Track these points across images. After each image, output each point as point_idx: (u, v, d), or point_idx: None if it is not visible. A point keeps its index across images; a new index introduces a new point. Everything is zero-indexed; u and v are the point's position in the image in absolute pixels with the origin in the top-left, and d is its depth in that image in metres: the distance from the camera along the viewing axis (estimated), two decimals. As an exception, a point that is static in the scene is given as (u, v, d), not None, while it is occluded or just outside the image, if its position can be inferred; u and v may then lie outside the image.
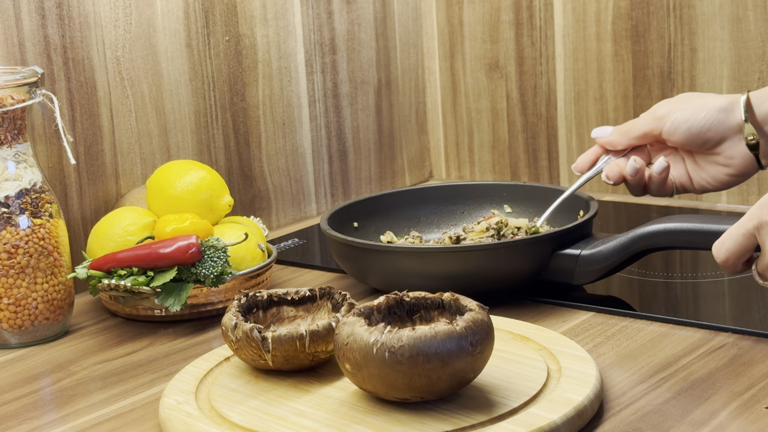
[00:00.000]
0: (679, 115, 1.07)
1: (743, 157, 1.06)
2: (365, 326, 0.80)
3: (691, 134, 1.06)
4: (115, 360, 1.01)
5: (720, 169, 1.08)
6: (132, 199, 1.21)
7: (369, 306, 0.85)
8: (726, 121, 1.05)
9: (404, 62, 1.61)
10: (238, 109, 1.38)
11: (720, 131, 1.06)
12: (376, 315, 0.85)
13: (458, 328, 0.78)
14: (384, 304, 0.86)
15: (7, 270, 1.04)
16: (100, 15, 1.22)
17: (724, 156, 1.07)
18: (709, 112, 1.06)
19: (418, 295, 0.87)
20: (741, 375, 0.88)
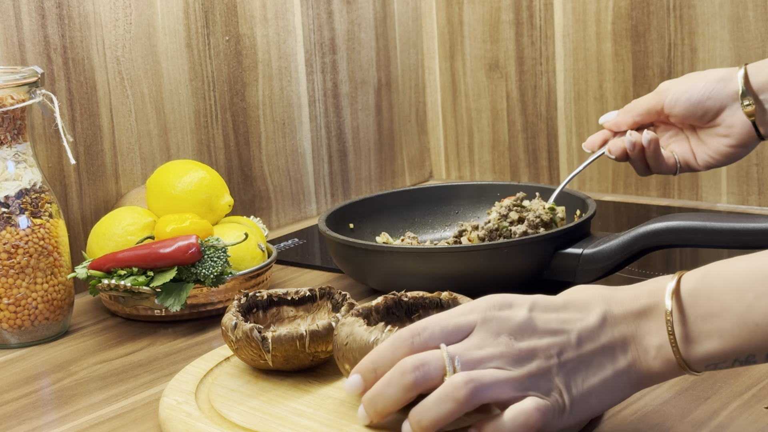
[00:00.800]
0: (679, 88, 1.10)
1: (742, 125, 1.08)
2: (364, 326, 0.79)
3: (691, 104, 1.08)
4: (115, 360, 1.01)
5: (721, 141, 1.09)
6: (132, 199, 1.21)
7: (367, 307, 0.85)
8: (724, 89, 1.08)
9: (404, 62, 1.61)
10: (238, 109, 1.38)
11: (719, 100, 1.08)
12: (375, 315, 0.85)
13: None
14: (382, 305, 0.86)
15: (7, 270, 1.04)
16: (100, 15, 1.22)
17: (724, 126, 1.08)
18: (708, 83, 1.09)
19: (416, 294, 0.87)
20: (741, 375, 0.88)
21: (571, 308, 0.73)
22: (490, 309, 0.73)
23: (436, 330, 0.73)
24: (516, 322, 0.73)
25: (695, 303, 0.71)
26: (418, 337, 0.73)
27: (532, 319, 0.73)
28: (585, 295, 0.74)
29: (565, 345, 0.72)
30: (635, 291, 0.74)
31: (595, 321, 0.73)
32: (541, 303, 0.74)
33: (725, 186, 1.42)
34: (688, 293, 0.71)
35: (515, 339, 0.72)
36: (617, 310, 0.73)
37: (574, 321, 0.73)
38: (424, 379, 0.72)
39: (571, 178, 1.16)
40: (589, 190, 1.53)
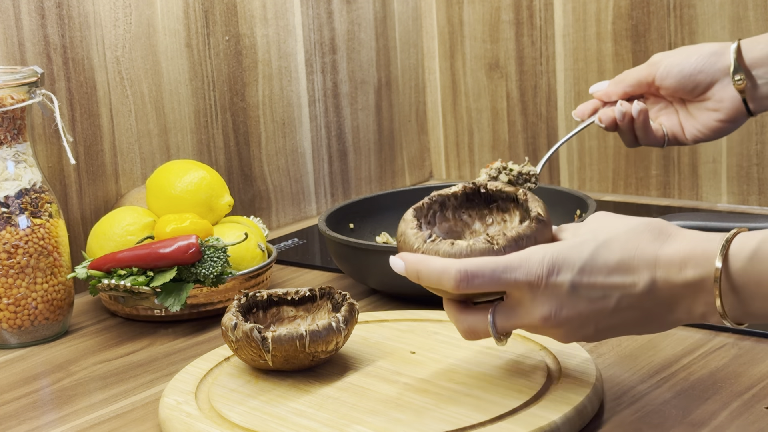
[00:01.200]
0: (671, 60, 1.10)
1: (732, 100, 1.08)
2: (414, 230, 0.82)
3: (683, 76, 1.09)
4: (115, 360, 1.01)
5: (711, 115, 1.09)
6: (132, 199, 1.21)
7: (445, 193, 0.87)
8: (717, 63, 1.08)
9: (404, 62, 1.61)
10: (238, 109, 1.38)
11: (710, 73, 1.08)
12: (453, 201, 0.87)
13: (497, 246, 0.78)
14: (460, 192, 0.87)
15: (7, 270, 1.04)
16: (100, 15, 1.22)
17: (714, 100, 1.09)
18: (701, 56, 1.09)
19: (495, 186, 0.87)
20: (741, 375, 0.88)
21: (621, 272, 0.75)
22: (539, 273, 0.76)
23: (485, 283, 0.77)
24: (560, 292, 0.76)
25: (746, 284, 0.72)
26: (465, 282, 0.77)
27: (576, 289, 0.76)
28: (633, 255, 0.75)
29: (605, 311, 0.76)
30: (684, 254, 0.74)
31: (641, 289, 0.75)
32: (591, 266, 0.76)
33: (725, 186, 1.42)
34: (737, 273, 0.72)
35: (557, 309, 0.76)
36: (664, 277, 0.75)
37: (620, 288, 0.75)
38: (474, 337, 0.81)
39: (561, 144, 1.16)
40: (589, 190, 1.53)
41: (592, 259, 0.76)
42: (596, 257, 0.76)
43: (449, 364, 0.89)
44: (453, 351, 0.91)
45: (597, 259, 0.76)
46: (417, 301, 1.09)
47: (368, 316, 1.01)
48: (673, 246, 0.75)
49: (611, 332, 0.78)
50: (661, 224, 0.77)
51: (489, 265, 0.77)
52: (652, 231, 0.76)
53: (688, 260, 0.74)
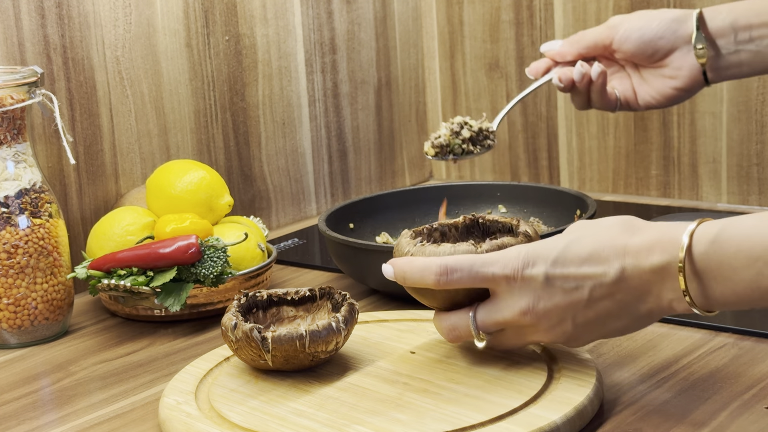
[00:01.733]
0: (631, 24, 1.08)
1: (690, 68, 1.07)
2: (409, 239, 0.88)
3: (643, 42, 1.08)
4: (115, 360, 1.01)
5: (666, 82, 1.09)
6: (132, 199, 1.21)
7: (447, 223, 0.92)
8: (678, 30, 1.07)
9: (404, 62, 1.61)
10: (238, 109, 1.38)
11: (671, 40, 1.07)
12: (453, 232, 0.92)
13: (479, 249, 0.83)
14: (461, 224, 0.92)
15: (7, 270, 1.04)
16: (100, 15, 1.22)
17: (671, 67, 1.08)
18: (662, 22, 1.07)
19: (492, 218, 0.92)
20: (741, 375, 0.88)
21: (592, 262, 0.79)
22: (515, 266, 0.80)
23: (463, 277, 0.81)
24: (536, 285, 0.80)
25: (707, 267, 0.75)
26: (445, 276, 0.81)
27: (550, 280, 0.79)
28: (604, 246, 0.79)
29: (580, 303, 0.79)
30: (651, 242, 0.77)
31: (611, 278, 0.78)
32: (563, 257, 0.79)
33: (725, 186, 1.42)
34: (700, 257, 0.75)
35: (534, 301, 0.80)
36: (633, 264, 0.77)
37: (592, 278, 0.78)
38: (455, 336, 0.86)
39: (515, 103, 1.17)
40: (589, 190, 1.53)
41: (564, 251, 0.79)
42: (568, 250, 0.79)
43: (449, 364, 0.89)
44: (453, 351, 0.91)
45: (569, 252, 0.79)
46: (417, 302, 1.09)
47: (368, 316, 1.01)
48: (642, 235, 0.78)
49: (589, 329, 0.81)
50: (631, 219, 0.80)
51: (468, 260, 0.81)
52: (622, 225, 0.80)
53: (655, 246, 0.77)
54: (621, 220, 0.80)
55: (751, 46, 1.05)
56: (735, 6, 1.07)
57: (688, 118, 1.43)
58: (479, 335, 0.83)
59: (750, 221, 0.74)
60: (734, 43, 1.05)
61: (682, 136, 1.44)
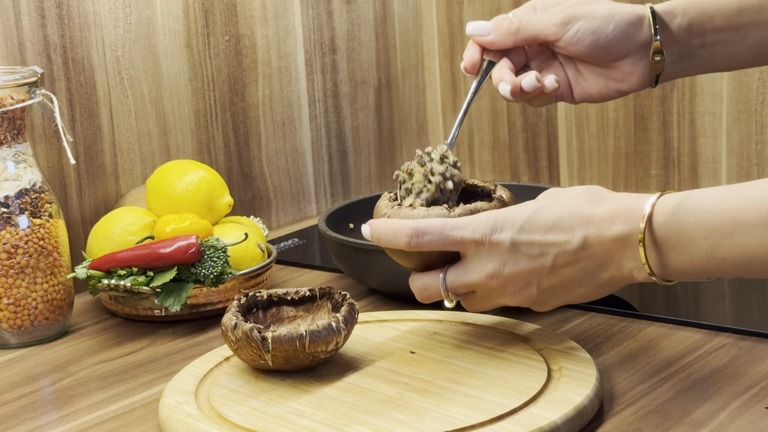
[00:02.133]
0: (585, 25, 0.98)
1: (641, 75, 1.00)
2: (387, 201, 0.90)
3: (596, 47, 0.98)
4: (115, 360, 1.01)
5: (611, 84, 1.01)
6: (132, 199, 1.21)
7: None
8: (634, 36, 0.98)
9: (404, 62, 1.61)
10: (238, 109, 1.38)
11: (626, 47, 0.99)
12: None
13: (452, 213, 0.85)
14: None
15: (7, 270, 1.04)
16: (100, 15, 1.22)
17: (620, 71, 1.00)
18: (618, 26, 0.98)
19: (471, 182, 0.94)
20: (741, 375, 0.88)
21: (556, 230, 0.82)
22: (483, 231, 0.83)
23: (434, 240, 0.84)
24: (503, 250, 0.83)
25: (666, 237, 0.78)
26: (416, 239, 0.84)
27: (516, 246, 0.83)
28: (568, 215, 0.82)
29: (544, 269, 0.83)
30: (613, 211, 0.80)
31: (574, 246, 0.81)
32: (529, 224, 0.83)
33: (725, 186, 1.42)
34: (659, 227, 0.78)
35: (501, 266, 0.83)
36: (595, 233, 0.80)
37: (556, 245, 0.82)
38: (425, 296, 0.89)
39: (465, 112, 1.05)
40: (589, 190, 1.53)
41: (530, 218, 0.82)
42: (535, 217, 0.82)
43: (449, 364, 0.89)
44: (453, 351, 0.91)
45: (535, 219, 0.82)
46: (417, 301, 1.09)
47: (368, 316, 1.01)
48: (606, 205, 0.81)
49: (553, 294, 0.84)
50: (596, 189, 0.83)
51: (438, 223, 0.84)
52: (588, 194, 0.83)
53: (618, 216, 0.80)
54: (587, 189, 0.83)
55: (703, 52, 1.01)
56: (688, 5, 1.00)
57: (688, 118, 1.43)
58: (448, 296, 0.87)
59: (710, 193, 0.78)
60: (687, 48, 1.01)
61: (682, 136, 1.44)
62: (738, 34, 1.00)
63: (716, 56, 1.02)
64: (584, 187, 0.84)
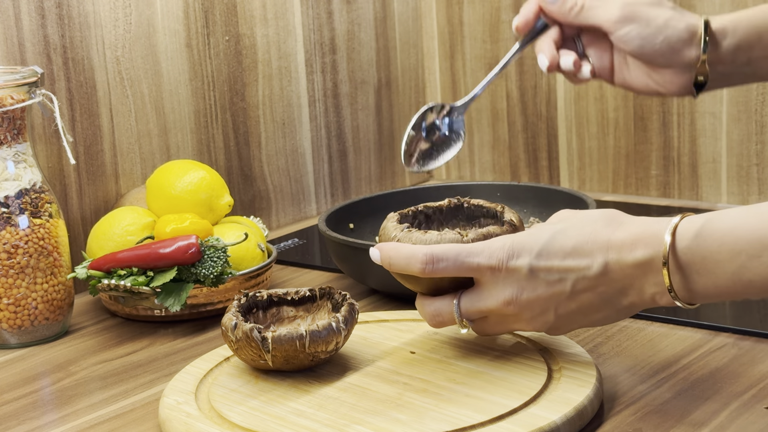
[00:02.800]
0: (636, 29, 1.00)
1: (681, 86, 1.03)
2: (395, 223, 0.88)
3: (642, 53, 1.01)
4: (115, 360, 1.01)
5: (650, 83, 1.04)
6: (132, 199, 1.21)
7: (432, 206, 0.93)
8: (681, 52, 1.01)
9: (404, 62, 1.61)
10: (238, 109, 1.38)
11: (671, 60, 1.01)
12: (438, 215, 0.93)
13: (465, 238, 0.83)
14: (446, 206, 0.93)
15: (7, 270, 1.04)
16: (100, 15, 1.22)
17: (662, 77, 1.03)
18: (667, 40, 1.00)
19: (477, 202, 0.92)
20: (741, 375, 0.88)
21: (575, 256, 0.80)
22: (500, 257, 0.81)
23: (449, 266, 0.82)
24: (520, 276, 0.81)
25: (691, 261, 0.76)
26: (431, 266, 0.82)
27: (534, 272, 0.80)
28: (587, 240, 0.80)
29: (563, 295, 0.80)
30: (634, 236, 0.78)
31: (595, 272, 0.79)
32: (547, 250, 0.80)
33: (725, 186, 1.42)
34: (683, 251, 0.76)
35: (518, 292, 0.81)
36: (616, 259, 0.78)
37: (575, 271, 0.80)
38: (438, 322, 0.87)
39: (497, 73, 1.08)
40: (589, 190, 1.53)
41: (548, 244, 0.80)
42: (553, 242, 0.80)
43: (449, 364, 0.89)
44: (453, 351, 0.91)
45: (553, 244, 0.80)
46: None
47: (368, 316, 1.01)
48: (625, 230, 0.79)
49: (570, 319, 0.82)
50: (614, 213, 0.81)
51: (453, 249, 0.82)
52: (606, 219, 0.80)
53: (639, 241, 0.78)
54: (605, 213, 0.81)
55: (747, 69, 1.03)
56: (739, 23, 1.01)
57: (688, 118, 1.43)
58: (462, 322, 0.85)
59: (733, 215, 0.75)
60: (732, 66, 1.03)
61: (682, 136, 1.44)
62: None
63: (760, 71, 1.03)
64: (602, 211, 0.82)
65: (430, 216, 0.93)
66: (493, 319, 0.85)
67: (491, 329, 0.86)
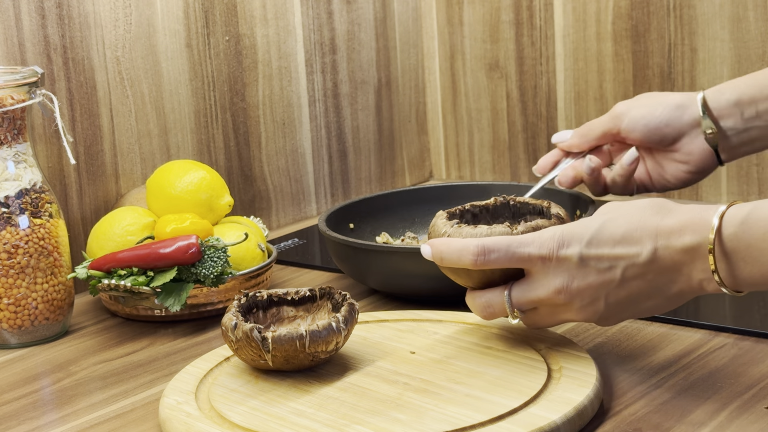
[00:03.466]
0: (636, 113, 1.09)
1: (702, 152, 1.07)
2: (445, 220, 0.89)
3: (648, 130, 1.08)
4: (115, 360, 1.01)
5: (679, 167, 1.10)
6: (132, 199, 1.21)
7: (479, 205, 0.95)
8: (683, 116, 1.07)
9: (404, 62, 1.61)
10: (238, 109, 1.38)
11: (677, 127, 1.07)
12: (485, 214, 0.95)
13: (515, 231, 0.85)
14: (492, 205, 0.95)
15: (7, 270, 1.04)
16: (100, 15, 1.22)
17: (682, 153, 1.08)
18: (666, 109, 1.08)
19: (523, 200, 0.94)
20: (741, 375, 0.88)
21: (625, 243, 0.81)
22: (551, 247, 0.82)
23: (501, 257, 0.83)
24: (570, 265, 0.82)
25: (736, 248, 0.77)
26: (483, 257, 0.83)
27: (584, 260, 0.81)
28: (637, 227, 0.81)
29: (613, 283, 0.81)
30: (682, 222, 0.79)
31: (644, 258, 0.80)
32: (597, 238, 0.81)
33: (725, 186, 1.42)
34: (729, 239, 0.77)
35: (569, 281, 0.82)
36: (665, 245, 0.79)
37: (625, 258, 0.81)
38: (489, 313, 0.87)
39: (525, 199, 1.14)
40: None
41: (598, 232, 0.81)
42: (602, 231, 0.81)
43: (449, 364, 0.89)
44: (453, 351, 0.91)
45: (603, 233, 0.81)
46: (417, 301, 1.09)
47: (368, 316, 1.01)
48: (674, 217, 0.80)
49: (621, 308, 0.83)
50: (662, 201, 0.82)
51: (504, 241, 0.83)
52: (655, 206, 0.81)
53: (686, 227, 0.78)
54: (653, 201, 0.82)
55: (759, 122, 1.06)
56: (737, 83, 1.07)
57: (688, 118, 1.43)
58: (513, 312, 0.85)
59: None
60: (742, 121, 1.06)
61: (682, 136, 1.44)
62: None
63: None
64: (650, 199, 0.83)
65: (477, 215, 0.94)
66: (543, 310, 0.86)
67: (542, 320, 0.87)
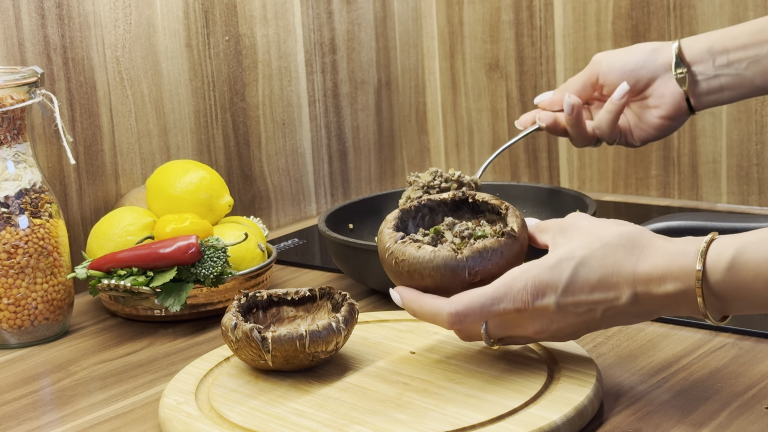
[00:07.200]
0: (613, 57, 1.13)
1: (673, 95, 1.10)
2: (391, 229, 0.87)
3: (624, 72, 1.11)
4: (115, 360, 1.01)
5: (652, 112, 1.12)
6: (132, 199, 1.21)
7: (436, 199, 0.92)
8: (657, 59, 1.11)
9: (404, 62, 1.61)
10: (238, 109, 1.38)
11: (651, 69, 1.11)
12: (443, 208, 0.92)
13: (460, 255, 0.83)
14: (450, 200, 0.92)
15: (7, 270, 1.04)
16: (100, 15, 1.22)
17: (655, 96, 1.11)
18: (642, 52, 1.12)
19: (482, 197, 0.91)
20: (741, 375, 0.88)
21: (602, 289, 0.79)
22: (525, 299, 0.81)
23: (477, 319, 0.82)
24: (548, 312, 0.81)
25: (726, 291, 0.76)
26: (458, 324, 0.82)
27: (562, 307, 0.80)
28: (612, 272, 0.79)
29: (593, 321, 0.81)
30: (661, 269, 0.78)
31: (624, 302, 0.79)
32: (572, 286, 0.80)
33: (725, 186, 1.42)
34: (717, 284, 0.76)
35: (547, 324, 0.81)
36: (645, 291, 0.78)
37: (604, 302, 0.80)
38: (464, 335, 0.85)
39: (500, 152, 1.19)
40: (589, 190, 1.53)
41: (572, 280, 0.80)
42: (576, 278, 0.80)
43: (449, 364, 0.89)
44: (453, 351, 0.91)
45: (577, 280, 0.80)
46: (417, 301, 1.09)
47: (368, 316, 1.01)
48: (649, 261, 0.78)
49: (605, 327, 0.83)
50: (633, 236, 0.80)
51: (477, 302, 0.81)
52: (626, 245, 0.79)
53: (667, 276, 0.77)
54: (623, 237, 0.80)
55: (729, 70, 1.08)
56: (712, 33, 1.10)
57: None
58: (492, 343, 0.85)
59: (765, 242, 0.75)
60: (713, 68, 1.09)
61: (682, 136, 1.44)
62: (764, 48, 1.06)
63: (746, 74, 1.08)
64: (619, 234, 0.80)
65: (434, 209, 0.93)
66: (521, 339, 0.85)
67: (518, 343, 0.86)
